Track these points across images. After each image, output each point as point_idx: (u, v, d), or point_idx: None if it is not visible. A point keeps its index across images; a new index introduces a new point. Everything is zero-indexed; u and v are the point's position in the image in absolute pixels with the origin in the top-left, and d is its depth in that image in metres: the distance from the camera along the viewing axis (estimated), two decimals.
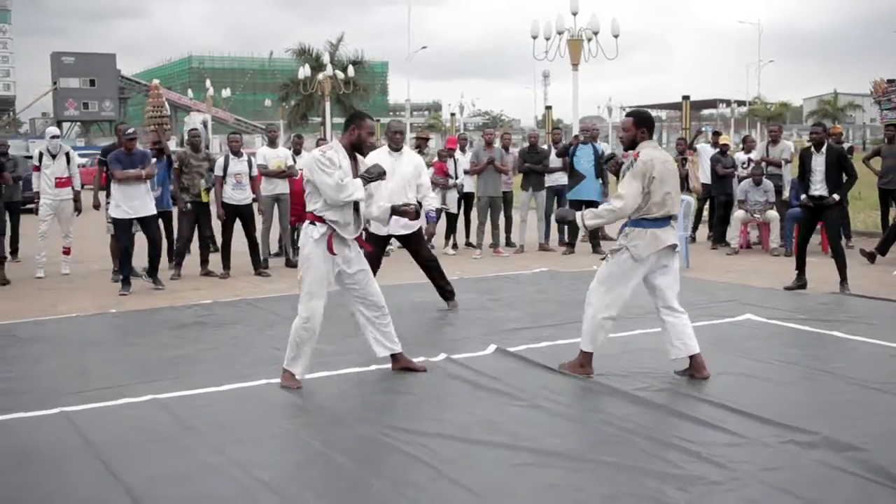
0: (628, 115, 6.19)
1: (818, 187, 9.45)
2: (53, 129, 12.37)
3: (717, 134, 15.89)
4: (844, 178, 9.63)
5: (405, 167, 8.35)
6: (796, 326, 7.65)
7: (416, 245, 8.71)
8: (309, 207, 5.89)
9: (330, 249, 5.79)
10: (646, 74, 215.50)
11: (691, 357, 5.96)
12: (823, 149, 9.44)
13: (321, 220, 5.80)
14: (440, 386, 5.95)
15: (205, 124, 14.74)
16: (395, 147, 8.45)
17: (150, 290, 10.04)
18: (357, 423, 5.13)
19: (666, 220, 5.80)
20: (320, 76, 28.79)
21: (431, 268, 8.88)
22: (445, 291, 8.89)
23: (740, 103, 77.13)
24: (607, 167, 6.08)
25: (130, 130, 10.34)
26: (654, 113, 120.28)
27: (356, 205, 5.89)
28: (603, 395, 5.63)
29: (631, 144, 5.93)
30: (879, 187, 13.47)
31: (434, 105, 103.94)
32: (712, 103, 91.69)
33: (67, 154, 11.56)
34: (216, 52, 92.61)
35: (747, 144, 14.46)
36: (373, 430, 5.00)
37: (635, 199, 5.69)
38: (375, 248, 7.89)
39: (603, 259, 6.07)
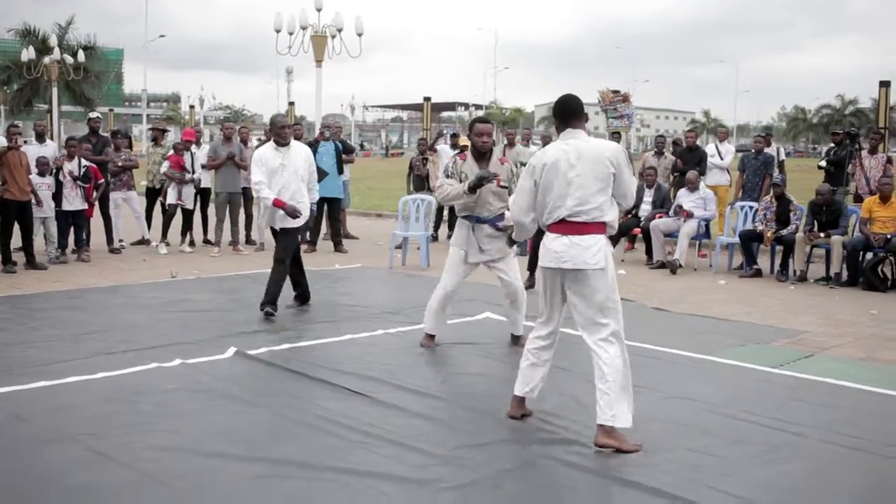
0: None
1: None
2: None
3: (454, 136, 16.28)
4: None
5: (296, 161, 8.24)
6: (527, 323, 7.90)
7: (295, 238, 8.59)
8: None
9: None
10: (388, 75, 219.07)
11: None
12: None
13: None
14: (174, 394, 5.57)
15: None
16: (283, 142, 8.20)
17: None
18: (78, 439, 4.68)
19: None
20: (47, 60, 26.79)
21: (300, 264, 8.83)
22: (304, 292, 8.86)
23: (477, 107, 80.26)
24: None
25: None
26: (395, 113, 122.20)
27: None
28: (348, 398, 5.50)
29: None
30: None
31: (173, 96, 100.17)
32: (451, 106, 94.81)
33: None
34: None
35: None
36: (98, 445, 4.58)
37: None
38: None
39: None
